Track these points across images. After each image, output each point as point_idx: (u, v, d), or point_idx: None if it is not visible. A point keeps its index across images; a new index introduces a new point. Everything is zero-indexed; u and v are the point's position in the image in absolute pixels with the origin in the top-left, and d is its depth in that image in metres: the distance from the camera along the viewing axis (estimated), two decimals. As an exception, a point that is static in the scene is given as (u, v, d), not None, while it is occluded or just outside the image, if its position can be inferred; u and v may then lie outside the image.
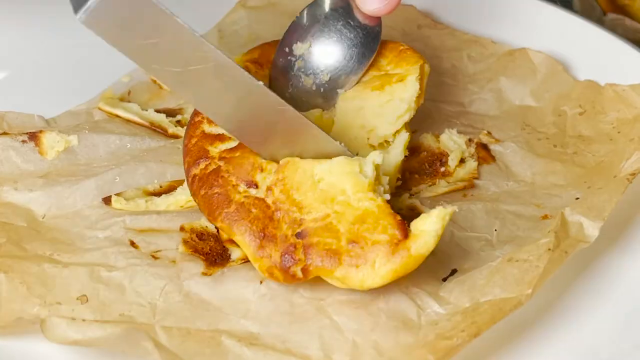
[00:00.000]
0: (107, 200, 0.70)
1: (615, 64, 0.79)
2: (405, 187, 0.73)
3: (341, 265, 0.61)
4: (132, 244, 0.67)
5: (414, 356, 0.58)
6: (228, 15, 0.87)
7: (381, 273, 0.61)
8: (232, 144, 0.67)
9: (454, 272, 0.66)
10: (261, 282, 0.64)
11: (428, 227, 0.61)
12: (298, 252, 0.62)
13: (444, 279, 0.66)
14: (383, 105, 0.71)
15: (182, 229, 0.69)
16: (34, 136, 0.73)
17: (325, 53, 0.71)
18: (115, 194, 0.70)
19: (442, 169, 0.74)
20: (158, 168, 0.73)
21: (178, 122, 0.78)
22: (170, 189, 0.72)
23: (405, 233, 0.61)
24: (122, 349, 0.59)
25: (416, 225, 0.61)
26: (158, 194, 0.72)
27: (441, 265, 0.66)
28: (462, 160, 0.74)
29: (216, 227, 0.68)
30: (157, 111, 0.78)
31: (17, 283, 0.63)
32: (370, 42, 0.72)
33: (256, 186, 0.65)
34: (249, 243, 0.63)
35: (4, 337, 0.61)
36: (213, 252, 0.67)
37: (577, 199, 0.70)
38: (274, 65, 0.73)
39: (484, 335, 0.60)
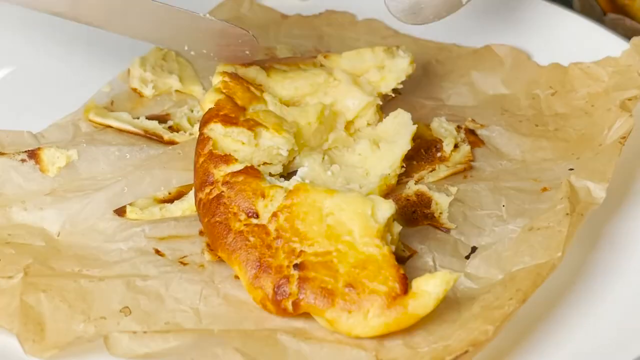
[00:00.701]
0: (120, 212, 0.69)
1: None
2: (407, 174, 0.75)
3: (333, 307, 0.60)
4: (157, 252, 0.67)
5: (469, 329, 0.60)
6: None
7: (372, 324, 0.60)
8: (237, 167, 0.67)
9: (474, 249, 0.69)
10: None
11: (430, 288, 0.60)
12: (291, 284, 0.61)
13: (467, 257, 0.68)
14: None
15: (201, 233, 0.68)
16: (33, 154, 0.71)
17: None
18: (128, 205, 0.69)
19: (439, 154, 0.77)
20: (163, 175, 0.72)
21: (170, 127, 0.77)
22: (179, 194, 0.71)
23: (405, 288, 0.60)
24: (191, 358, 0.58)
25: (418, 283, 0.60)
26: (169, 200, 0.71)
27: (461, 245, 0.69)
28: (455, 146, 0.77)
29: None
30: (148, 118, 0.77)
31: (58, 301, 0.61)
32: None
33: (257, 215, 0.64)
34: (245, 272, 0.62)
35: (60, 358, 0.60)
36: (237, 256, 0.67)
37: (571, 169, 0.74)
38: None
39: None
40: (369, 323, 0.59)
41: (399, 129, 0.75)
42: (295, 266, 0.61)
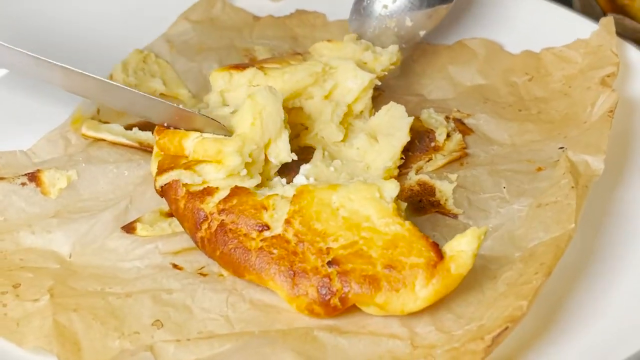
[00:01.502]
0: (128, 229, 0.68)
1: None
2: (405, 165, 0.76)
3: (380, 291, 0.61)
4: (175, 266, 0.66)
5: (501, 308, 0.61)
6: (173, 27, 0.87)
7: (422, 295, 0.61)
8: (223, 193, 0.66)
9: (484, 232, 0.70)
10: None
11: (464, 247, 0.61)
12: (334, 281, 0.61)
13: (478, 240, 0.69)
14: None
15: (215, 242, 0.67)
16: (33, 177, 0.70)
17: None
18: (137, 222, 0.68)
19: (432, 144, 0.78)
20: (165, 188, 0.71)
21: (162, 137, 0.76)
22: (184, 206, 0.70)
23: (440, 254, 0.61)
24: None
25: (451, 246, 0.62)
26: (175, 213, 0.70)
27: (470, 229, 0.70)
28: (447, 135, 0.78)
29: None
30: (140, 128, 0.75)
31: (90, 320, 0.60)
32: None
33: (267, 227, 0.64)
34: (282, 285, 0.62)
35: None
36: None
37: (561, 147, 0.76)
38: (357, 6, 0.81)
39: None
40: (419, 295, 0.60)
41: (394, 121, 0.76)
42: (330, 263, 0.61)
